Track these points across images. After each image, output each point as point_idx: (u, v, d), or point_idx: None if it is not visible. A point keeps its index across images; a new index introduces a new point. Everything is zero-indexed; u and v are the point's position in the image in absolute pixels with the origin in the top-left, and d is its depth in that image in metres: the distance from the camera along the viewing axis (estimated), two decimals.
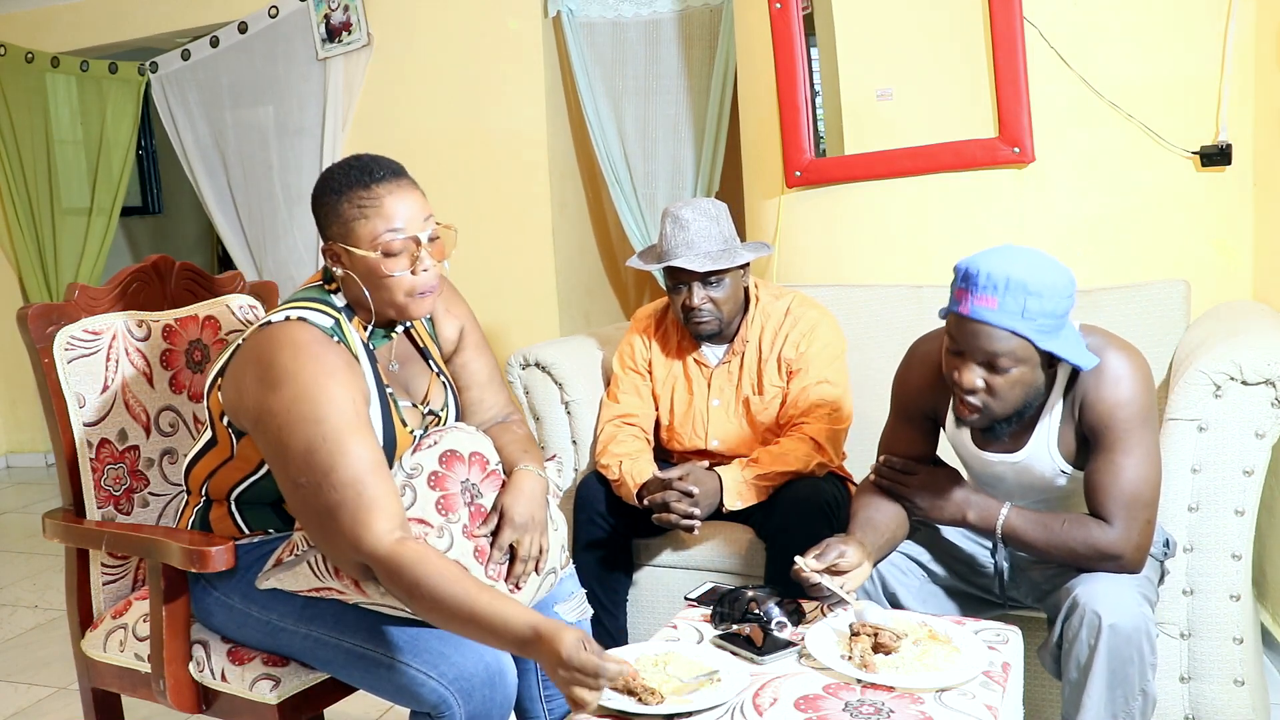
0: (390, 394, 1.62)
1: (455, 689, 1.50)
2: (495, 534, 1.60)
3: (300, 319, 1.52)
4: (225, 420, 1.60)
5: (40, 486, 4.99)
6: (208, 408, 1.63)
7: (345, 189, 1.54)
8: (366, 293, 1.56)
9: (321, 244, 1.59)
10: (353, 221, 1.53)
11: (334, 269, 1.57)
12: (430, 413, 1.70)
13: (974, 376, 1.64)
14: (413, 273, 1.55)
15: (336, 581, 1.51)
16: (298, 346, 1.48)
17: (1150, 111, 2.54)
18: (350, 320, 1.59)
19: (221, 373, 1.59)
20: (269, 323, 1.53)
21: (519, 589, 1.62)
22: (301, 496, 1.45)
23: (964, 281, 1.62)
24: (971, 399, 1.67)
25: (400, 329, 1.69)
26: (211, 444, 1.65)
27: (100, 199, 5.00)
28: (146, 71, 4.78)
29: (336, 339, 1.54)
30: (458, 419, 1.77)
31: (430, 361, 1.75)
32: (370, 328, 1.62)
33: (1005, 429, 1.72)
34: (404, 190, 1.55)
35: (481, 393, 1.82)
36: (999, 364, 1.62)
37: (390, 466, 1.54)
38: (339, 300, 1.61)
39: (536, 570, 1.64)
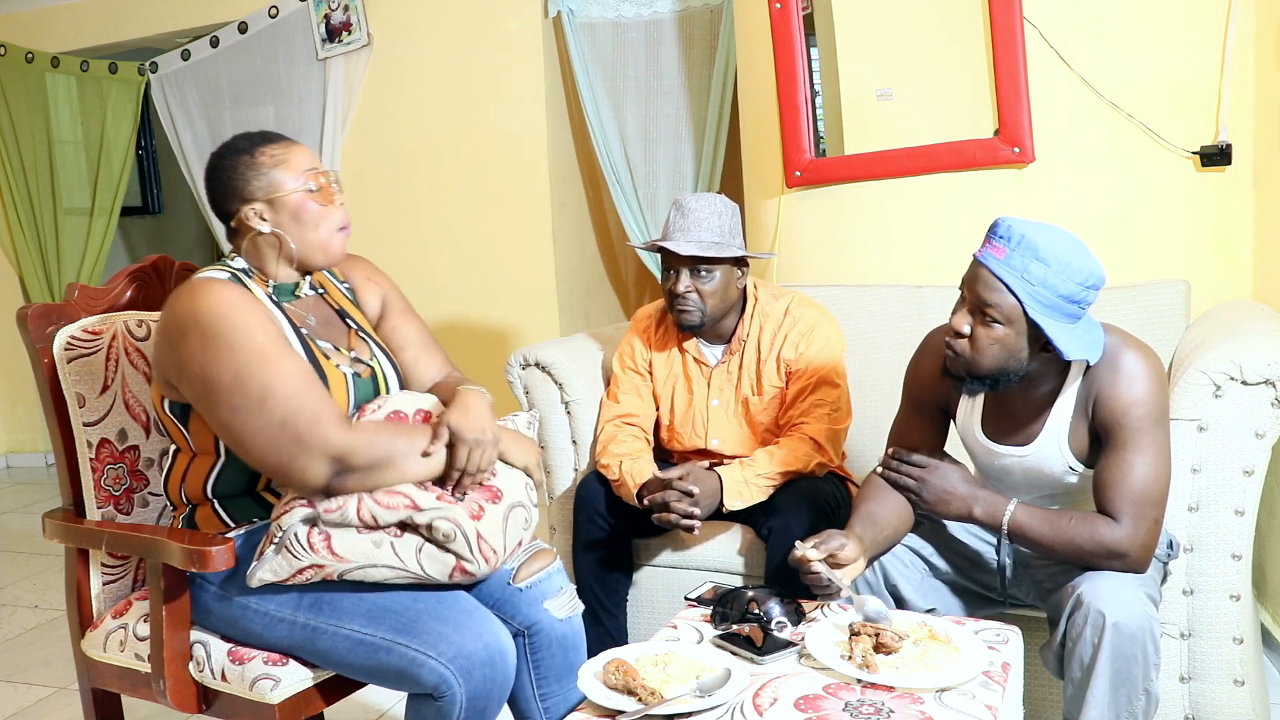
0: (306, 334, 1.67)
1: (455, 667, 1.50)
2: (450, 454, 1.59)
3: (197, 278, 1.62)
4: (166, 405, 1.65)
5: (40, 486, 4.99)
6: (155, 407, 1.69)
7: (252, 147, 1.65)
8: (295, 238, 1.65)
9: (235, 216, 1.66)
10: (274, 169, 1.64)
11: (259, 226, 1.65)
12: (357, 359, 1.73)
13: (963, 320, 1.70)
14: (333, 205, 1.67)
15: (313, 556, 1.52)
16: (191, 291, 1.57)
17: (1150, 111, 2.54)
18: (250, 278, 1.68)
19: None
20: None
21: (480, 518, 1.60)
22: (243, 418, 1.51)
23: (990, 230, 1.68)
24: (953, 342, 1.70)
25: (308, 289, 1.74)
26: (177, 452, 1.72)
27: (100, 199, 5.00)
28: (146, 71, 4.78)
29: (235, 284, 1.62)
30: (399, 379, 1.79)
31: (349, 321, 1.79)
32: (272, 284, 1.69)
33: (976, 387, 1.74)
34: (298, 144, 1.69)
35: (418, 352, 1.86)
36: (987, 314, 1.66)
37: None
38: (238, 263, 1.69)
39: (492, 500, 1.62)
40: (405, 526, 1.56)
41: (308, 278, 1.75)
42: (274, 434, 1.51)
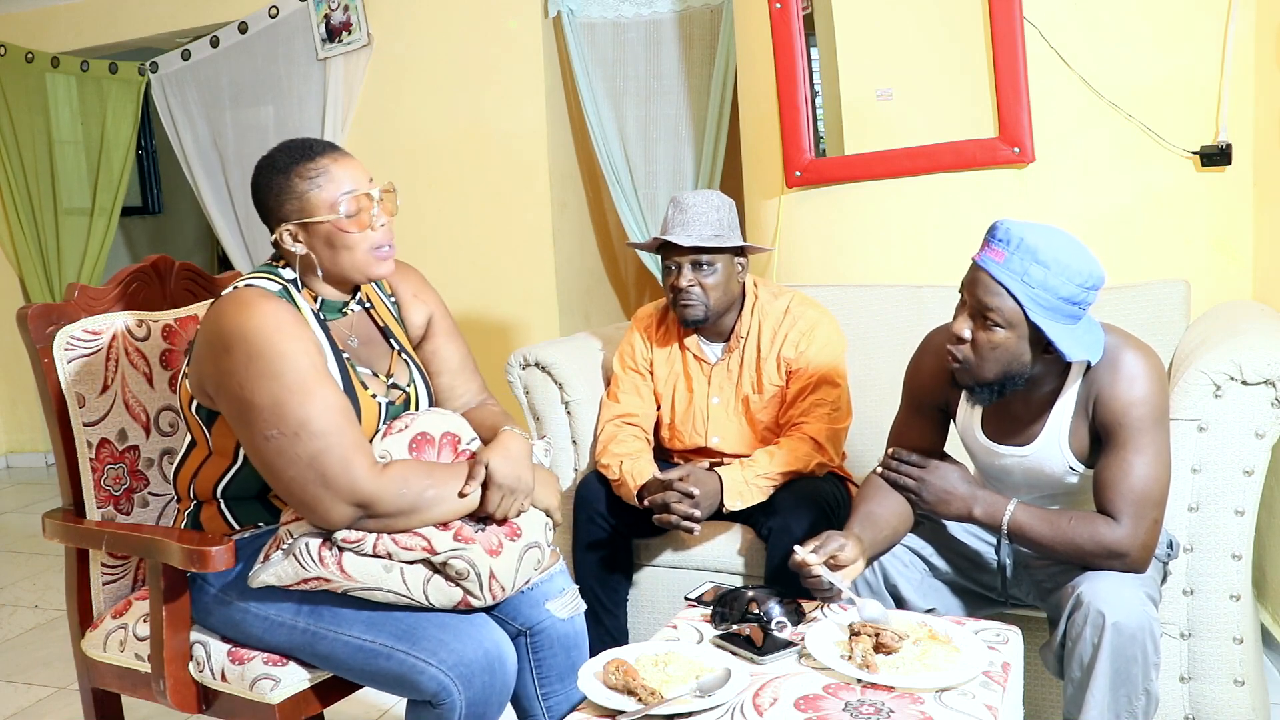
0: (347, 359, 1.66)
1: (455, 675, 1.50)
2: (482, 494, 1.59)
3: (247, 286, 1.60)
4: (194, 406, 1.64)
5: (40, 486, 4.99)
6: (180, 403, 1.68)
7: (290, 166, 1.60)
8: (328, 261, 1.61)
9: (274, 232, 1.63)
10: (307, 193, 1.59)
11: (293, 248, 1.62)
12: (394, 385, 1.71)
13: (964, 325, 1.69)
14: (371, 229, 1.61)
15: (321, 569, 1.52)
16: (242, 304, 1.54)
17: (1150, 111, 2.54)
18: (299, 291, 1.65)
19: (187, 364, 1.64)
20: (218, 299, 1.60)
21: (498, 554, 1.60)
22: (275, 448, 1.50)
23: (988, 233, 1.67)
24: (954, 349, 1.70)
25: (356, 306, 1.73)
26: (192, 445, 1.70)
27: (101, 199, 5.00)
28: (146, 71, 4.78)
29: (284, 299, 1.59)
30: (431, 403, 1.78)
31: (392, 340, 1.77)
32: (320, 300, 1.67)
33: (984, 395, 1.74)
34: (344, 157, 1.63)
35: (454, 379, 1.84)
36: (988, 318, 1.65)
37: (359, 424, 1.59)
38: (288, 273, 1.66)
39: (511, 536, 1.62)
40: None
41: (356, 294, 1.73)
42: (302, 469, 1.49)
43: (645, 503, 2.22)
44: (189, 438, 1.71)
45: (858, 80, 2.86)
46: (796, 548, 1.69)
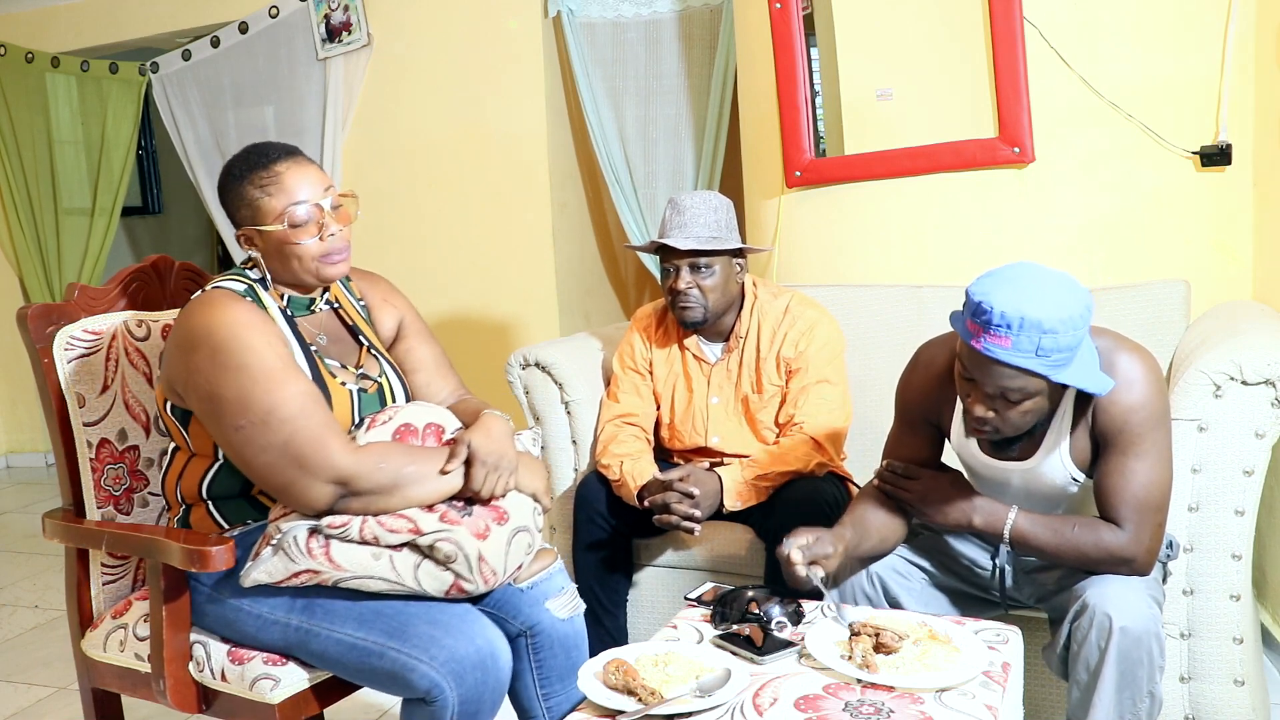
0: (315, 351, 1.68)
1: (446, 671, 1.50)
2: (466, 473, 1.60)
3: (214, 288, 1.64)
4: (169, 407, 1.66)
5: (40, 486, 4.99)
6: (158, 407, 1.70)
7: (246, 173, 1.63)
8: (279, 266, 1.65)
9: (235, 233, 1.68)
10: (257, 201, 1.62)
11: (250, 252, 1.67)
12: (364, 375, 1.73)
13: (985, 410, 1.64)
14: (320, 239, 1.63)
15: (310, 561, 1.53)
16: (208, 304, 1.58)
17: (1150, 111, 2.54)
18: (266, 291, 1.68)
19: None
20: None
21: (485, 538, 1.60)
22: (245, 437, 1.52)
23: (977, 316, 1.56)
24: (982, 428, 1.67)
25: (324, 305, 1.75)
26: (175, 451, 1.72)
27: (101, 199, 5.00)
28: (147, 71, 4.78)
29: (250, 299, 1.63)
30: (408, 398, 1.79)
31: (361, 338, 1.79)
32: (287, 296, 1.70)
33: (1015, 444, 1.74)
34: (300, 166, 1.65)
35: (430, 376, 1.85)
36: (1010, 397, 1.60)
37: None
38: (254, 274, 1.69)
39: (499, 520, 1.62)
40: (406, 543, 1.56)
41: (324, 294, 1.75)
42: (276, 455, 1.51)
43: (645, 503, 2.22)
44: (172, 444, 1.73)
45: (858, 80, 2.86)
46: (786, 540, 1.69)
